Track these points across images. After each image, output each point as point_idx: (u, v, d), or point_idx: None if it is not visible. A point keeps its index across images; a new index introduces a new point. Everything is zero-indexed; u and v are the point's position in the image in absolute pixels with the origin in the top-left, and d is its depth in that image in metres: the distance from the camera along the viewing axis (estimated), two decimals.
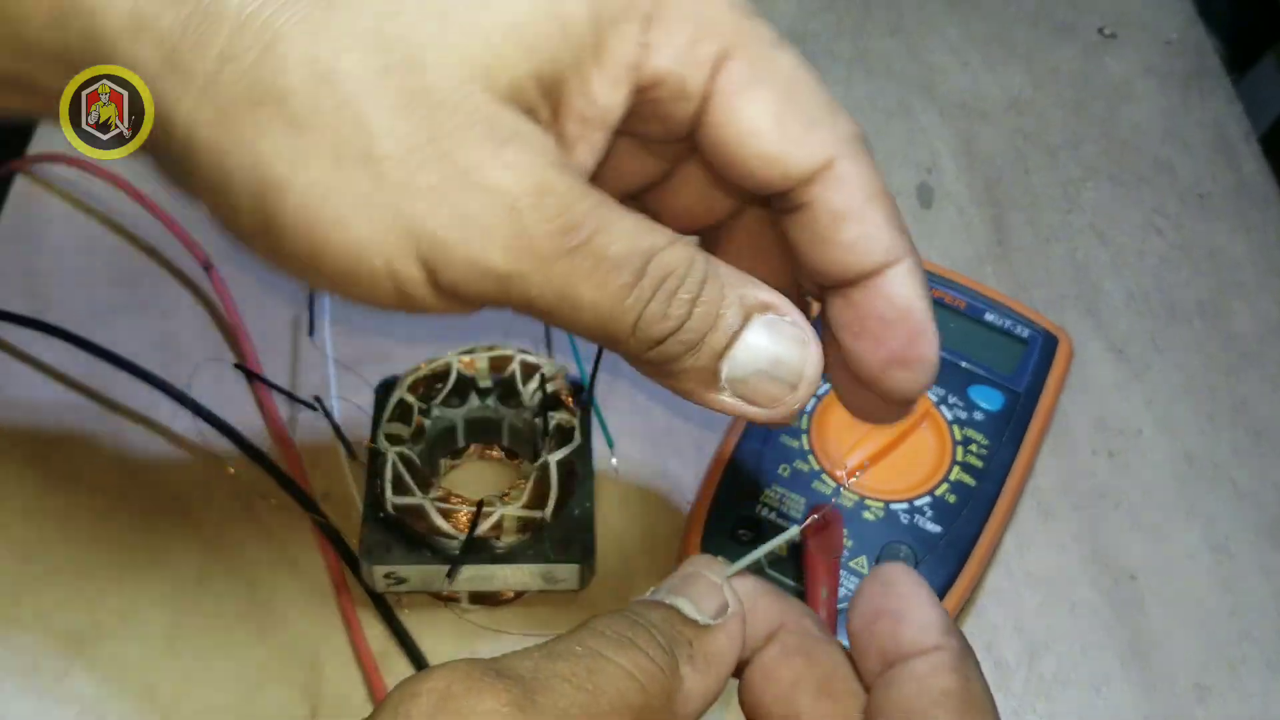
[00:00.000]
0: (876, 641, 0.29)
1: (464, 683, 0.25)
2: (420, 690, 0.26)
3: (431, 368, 0.45)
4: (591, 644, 0.27)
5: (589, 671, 0.27)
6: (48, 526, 0.46)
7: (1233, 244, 0.59)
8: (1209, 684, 0.45)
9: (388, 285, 0.29)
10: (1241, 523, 0.49)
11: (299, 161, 0.27)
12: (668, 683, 0.28)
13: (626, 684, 0.27)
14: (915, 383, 0.33)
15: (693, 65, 0.31)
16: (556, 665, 0.27)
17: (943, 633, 0.28)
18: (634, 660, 0.27)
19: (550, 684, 0.26)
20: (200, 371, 0.50)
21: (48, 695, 0.42)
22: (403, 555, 0.42)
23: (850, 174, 0.32)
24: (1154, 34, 0.69)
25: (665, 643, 0.28)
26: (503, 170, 0.28)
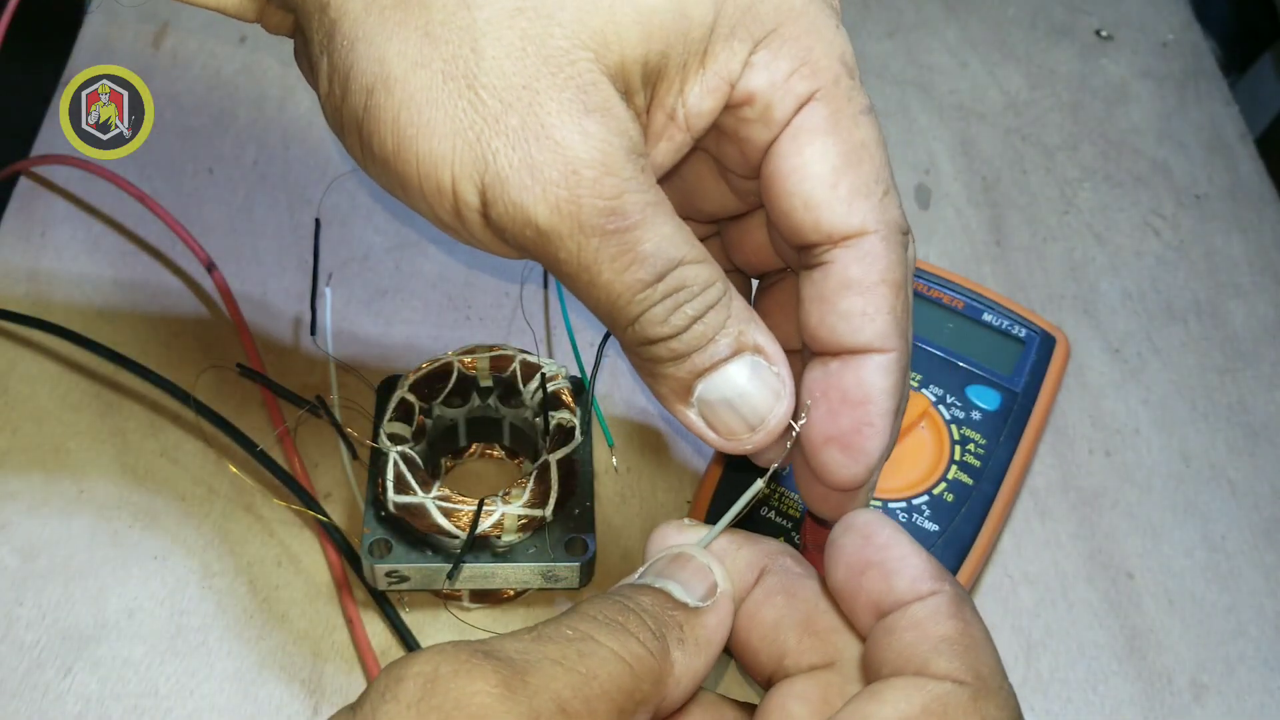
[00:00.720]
0: (866, 594, 0.29)
1: (452, 665, 0.26)
2: (406, 674, 0.26)
3: (433, 367, 0.46)
4: (583, 628, 0.28)
5: (580, 655, 0.27)
6: (51, 524, 0.46)
7: (1229, 244, 0.59)
8: (1206, 681, 0.45)
9: (448, 201, 0.30)
10: (1238, 521, 0.49)
11: (416, 67, 0.29)
12: (658, 666, 0.28)
13: (617, 668, 0.27)
14: (847, 469, 0.33)
15: (784, 94, 0.32)
16: (547, 648, 0.27)
17: (935, 579, 0.29)
18: (625, 645, 0.28)
19: (541, 666, 0.26)
20: (203, 371, 0.51)
21: (51, 692, 0.42)
22: (404, 554, 0.42)
23: (876, 253, 0.32)
24: (1151, 36, 0.69)
25: (656, 627, 0.29)
26: (580, 136, 0.29)
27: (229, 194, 0.58)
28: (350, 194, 0.58)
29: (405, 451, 0.43)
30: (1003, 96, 0.66)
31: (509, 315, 0.54)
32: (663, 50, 0.30)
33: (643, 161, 0.31)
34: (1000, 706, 0.27)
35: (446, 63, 0.29)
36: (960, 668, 0.27)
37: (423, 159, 0.30)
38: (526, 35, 0.29)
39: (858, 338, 0.32)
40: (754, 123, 0.32)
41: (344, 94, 0.31)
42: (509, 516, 0.41)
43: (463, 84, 0.29)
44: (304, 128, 0.61)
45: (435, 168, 0.30)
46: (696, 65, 0.31)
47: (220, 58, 0.63)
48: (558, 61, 0.29)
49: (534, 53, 0.29)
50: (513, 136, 0.29)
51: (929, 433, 0.47)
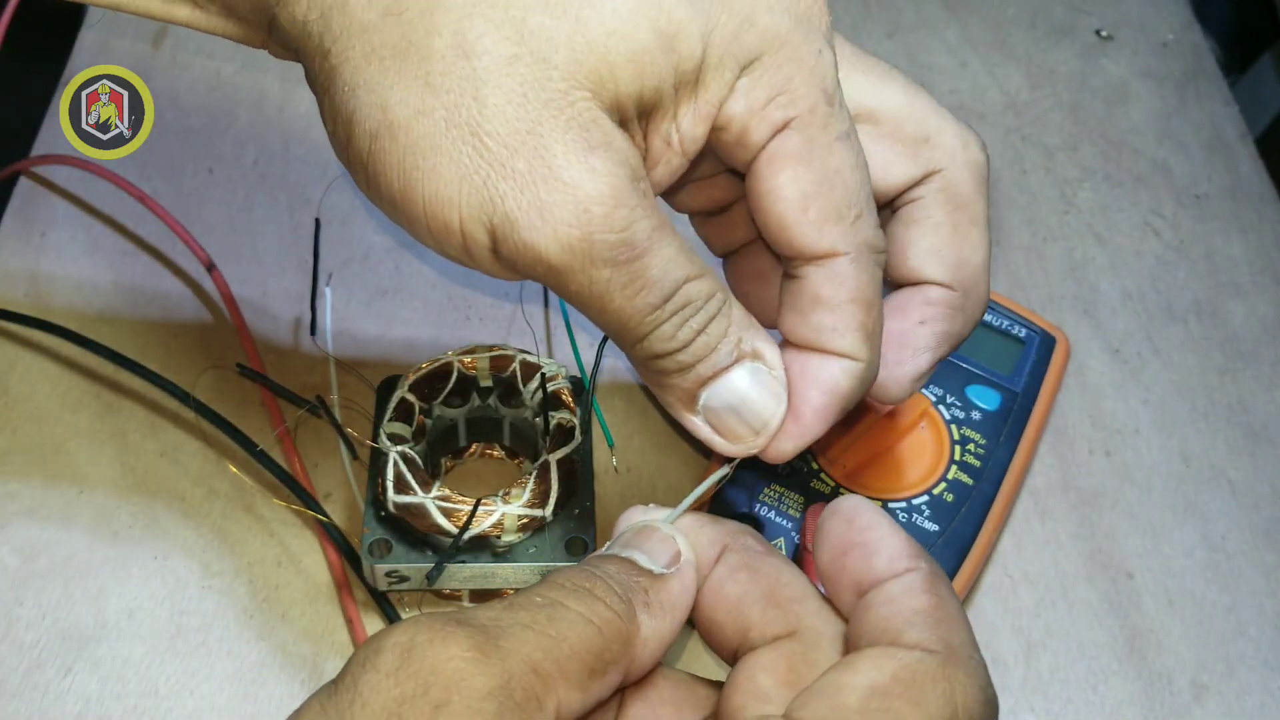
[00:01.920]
0: (848, 574, 0.30)
1: (427, 634, 0.27)
2: (384, 645, 0.27)
3: (433, 367, 0.46)
4: (551, 595, 0.29)
5: (549, 619, 0.28)
6: (51, 525, 0.46)
7: (1229, 244, 0.59)
8: (1206, 681, 0.45)
9: (456, 239, 0.32)
10: (1238, 521, 0.49)
11: (419, 114, 0.30)
12: (625, 628, 0.29)
13: (585, 629, 0.28)
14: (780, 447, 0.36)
15: (760, 121, 0.33)
16: (518, 615, 0.28)
17: (912, 557, 0.30)
18: (592, 608, 0.29)
19: (512, 631, 0.28)
20: (203, 371, 0.51)
21: (51, 692, 0.42)
22: (404, 554, 0.42)
23: (846, 274, 0.34)
24: (1151, 36, 0.69)
25: (622, 592, 0.30)
26: (588, 174, 0.30)
27: (229, 194, 0.58)
28: (350, 194, 0.58)
29: (405, 451, 0.43)
30: (1003, 96, 0.66)
31: (509, 315, 0.54)
32: (655, 86, 0.31)
33: (644, 186, 0.32)
34: (970, 674, 0.28)
35: (449, 110, 0.30)
36: (931, 638, 0.28)
37: (429, 201, 0.31)
38: (526, 81, 0.30)
39: (828, 347, 0.35)
40: (732, 144, 0.34)
41: (348, 136, 0.32)
42: (509, 516, 0.41)
43: (466, 131, 0.30)
44: (304, 128, 0.61)
45: (442, 209, 0.31)
46: (689, 95, 0.32)
47: (220, 58, 0.63)
48: (558, 104, 0.30)
49: (534, 97, 0.30)
50: (520, 180, 0.30)
51: (929, 433, 0.47)
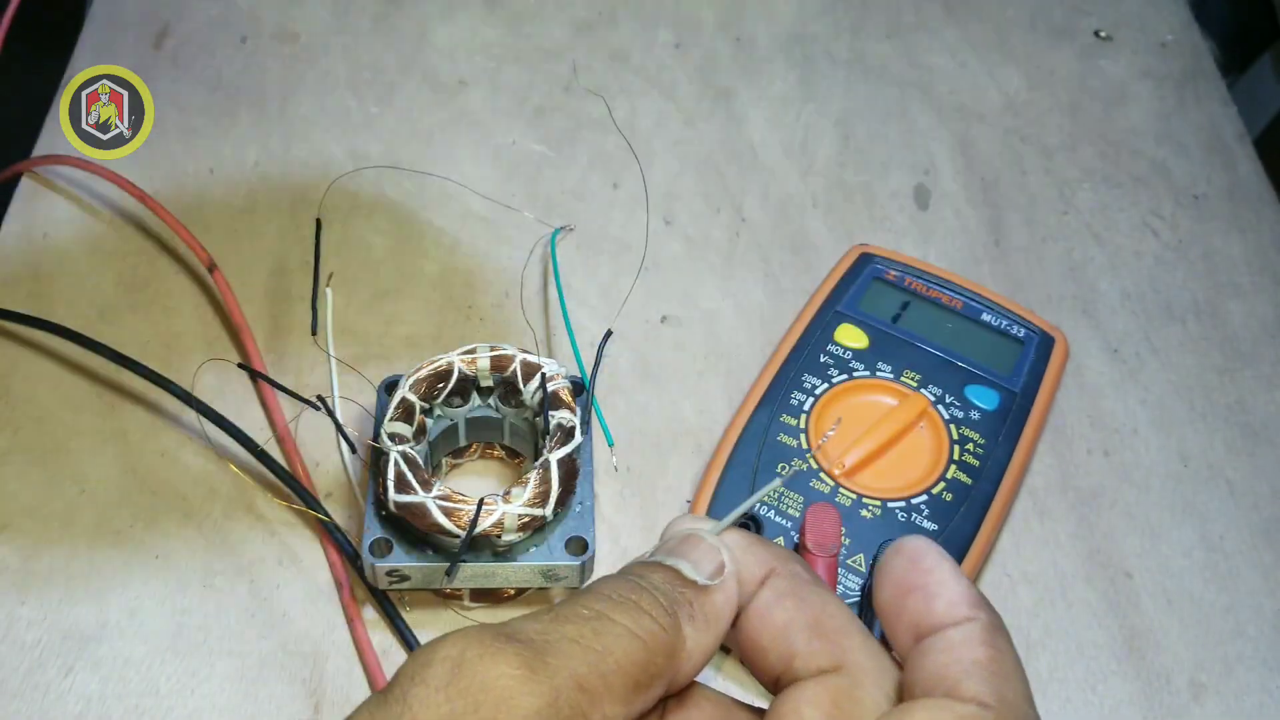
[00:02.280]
0: (908, 616, 0.30)
1: (477, 649, 0.26)
2: (434, 659, 0.27)
3: (434, 367, 0.46)
4: (597, 607, 0.28)
5: (595, 633, 0.28)
6: (52, 524, 0.47)
7: (1227, 245, 0.59)
8: (1204, 681, 0.45)
9: None
10: (1236, 521, 0.50)
11: None
12: (670, 641, 0.29)
13: (631, 644, 0.28)
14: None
15: None
16: (565, 628, 0.28)
17: (973, 605, 0.29)
18: (638, 621, 0.28)
19: (560, 646, 0.27)
20: (204, 371, 0.51)
21: (52, 692, 0.43)
22: (405, 553, 0.42)
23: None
24: (1150, 36, 0.69)
25: (668, 603, 0.29)
26: None
27: (230, 194, 0.58)
28: (351, 194, 0.58)
29: (406, 451, 0.43)
30: (1002, 97, 0.66)
31: (509, 315, 0.54)
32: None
33: None
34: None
35: None
36: (986, 691, 0.28)
37: None
38: None
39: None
40: None
41: None
42: (509, 516, 0.42)
43: None
44: (305, 128, 0.61)
45: None
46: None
47: (221, 59, 0.64)
48: None
49: None
50: None
51: (928, 432, 0.47)
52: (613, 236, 0.58)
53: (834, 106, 0.65)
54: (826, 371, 0.49)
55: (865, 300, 0.52)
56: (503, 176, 0.60)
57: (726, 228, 0.59)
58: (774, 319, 0.55)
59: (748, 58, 0.67)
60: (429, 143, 0.61)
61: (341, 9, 0.67)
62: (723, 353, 0.54)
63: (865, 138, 0.63)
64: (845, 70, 0.66)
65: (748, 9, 0.69)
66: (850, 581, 0.43)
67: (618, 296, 0.55)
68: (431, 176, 0.59)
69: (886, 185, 0.61)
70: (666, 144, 0.62)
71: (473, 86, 0.64)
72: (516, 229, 0.57)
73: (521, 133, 0.62)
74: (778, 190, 0.61)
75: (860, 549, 0.44)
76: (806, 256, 0.58)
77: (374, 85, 0.63)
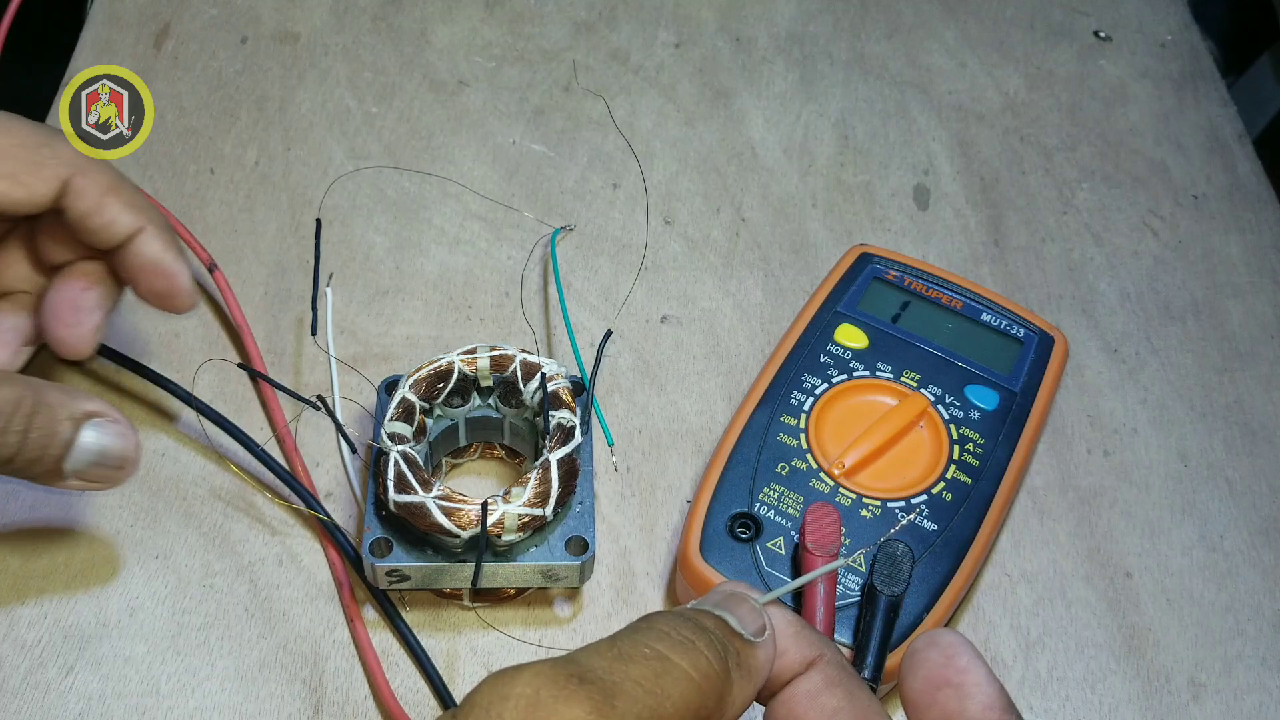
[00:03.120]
0: (940, 709, 0.31)
1: (551, 689, 0.27)
2: (510, 694, 0.27)
3: (434, 368, 0.46)
4: (659, 646, 0.30)
5: (656, 675, 0.29)
6: (52, 524, 0.47)
7: (1227, 245, 0.59)
8: (1204, 680, 0.45)
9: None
10: (1235, 520, 0.50)
11: None
12: (721, 686, 0.30)
13: (688, 688, 0.29)
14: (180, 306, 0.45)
15: None
16: (629, 669, 0.29)
17: (1005, 710, 0.31)
18: (695, 663, 0.30)
19: (625, 688, 0.28)
20: (204, 371, 0.51)
21: (52, 691, 0.43)
22: (405, 553, 0.42)
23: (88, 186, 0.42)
24: (1149, 37, 0.69)
25: (720, 649, 0.31)
26: None
27: (230, 194, 0.58)
28: (351, 194, 0.58)
29: (406, 451, 0.43)
30: (1001, 97, 0.66)
31: (509, 315, 0.54)
32: None
33: None
34: None
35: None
36: None
37: None
38: None
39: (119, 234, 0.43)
40: None
41: None
42: (509, 516, 0.42)
43: None
44: (305, 128, 0.61)
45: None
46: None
47: (221, 58, 0.64)
48: None
49: None
50: None
51: (928, 432, 0.47)
52: (613, 236, 0.58)
53: (834, 106, 0.65)
54: (826, 371, 0.49)
55: (865, 300, 0.52)
56: (503, 176, 0.60)
57: (726, 228, 0.59)
58: (774, 319, 0.55)
59: (748, 58, 0.67)
60: (429, 143, 0.61)
61: (341, 9, 0.67)
62: (723, 353, 0.54)
63: (865, 138, 0.63)
64: (845, 70, 0.67)
65: (748, 9, 0.69)
66: (850, 581, 0.43)
67: (618, 296, 0.55)
68: (431, 176, 0.59)
69: (886, 185, 0.61)
70: (666, 144, 0.62)
71: (473, 86, 0.64)
72: (516, 229, 0.58)
73: (521, 133, 0.62)
74: (777, 190, 0.61)
75: (860, 549, 0.44)
76: (806, 256, 0.58)
77: (374, 85, 0.63)
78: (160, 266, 0.44)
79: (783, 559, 0.43)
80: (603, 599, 0.46)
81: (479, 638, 0.45)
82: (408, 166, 0.60)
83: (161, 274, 0.44)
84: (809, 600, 0.41)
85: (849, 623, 0.42)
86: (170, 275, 0.44)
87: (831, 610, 0.41)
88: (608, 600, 0.46)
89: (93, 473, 0.41)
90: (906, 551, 0.41)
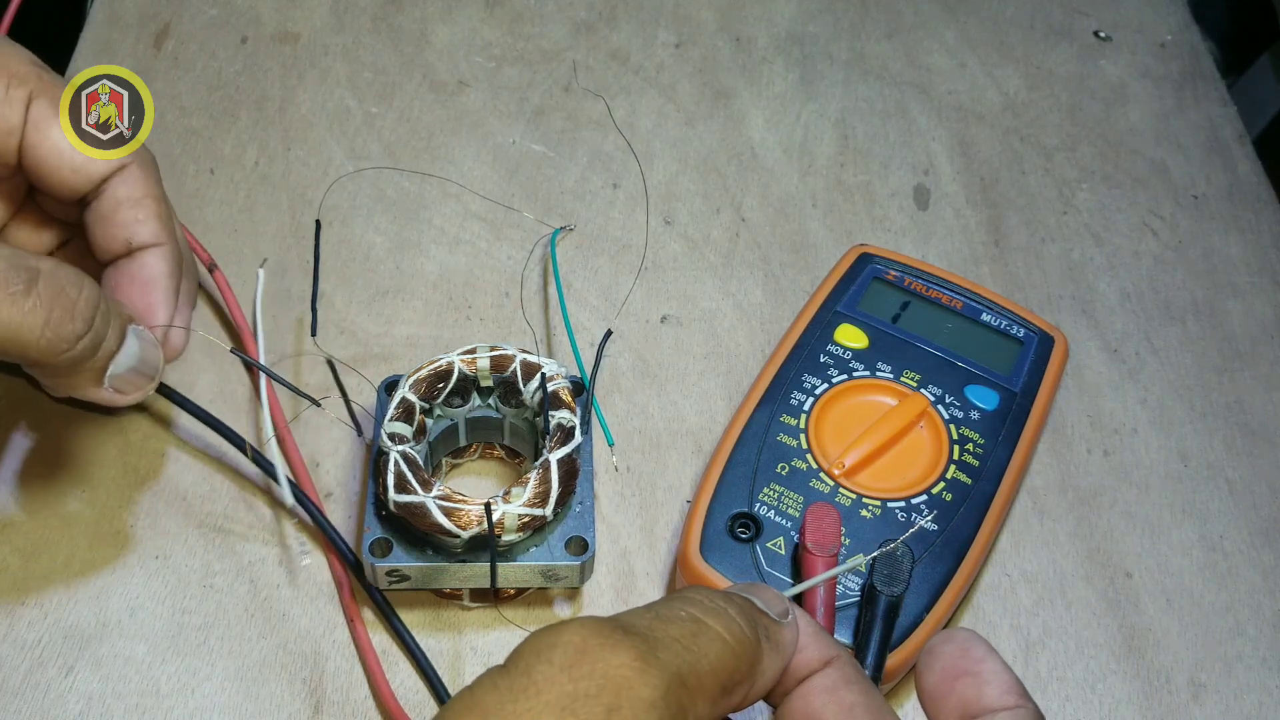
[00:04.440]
0: (957, 698, 0.32)
1: (597, 638, 0.29)
2: (559, 641, 0.29)
3: (434, 368, 0.46)
4: (693, 611, 0.31)
5: (693, 635, 0.30)
6: (52, 524, 0.47)
7: (1227, 245, 0.59)
8: (1204, 680, 0.45)
9: None
10: (1235, 521, 0.50)
11: None
12: (753, 651, 0.31)
13: (723, 649, 0.31)
14: None
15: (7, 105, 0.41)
16: (669, 628, 0.30)
17: (1022, 695, 0.32)
18: (729, 627, 0.31)
19: (665, 643, 0.30)
20: (204, 370, 0.51)
21: (52, 691, 0.43)
22: (405, 553, 0.42)
23: (134, 174, 0.43)
24: (1149, 37, 0.69)
25: (750, 618, 0.32)
26: None
27: (230, 195, 0.58)
28: (351, 195, 0.58)
29: (406, 451, 0.43)
30: (1001, 97, 0.66)
31: (509, 315, 0.54)
32: None
33: None
34: None
35: None
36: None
37: None
38: None
39: (138, 239, 0.43)
40: None
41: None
42: (509, 516, 0.42)
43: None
44: (305, 129, 0.61)
45: None
46: None
47: (221, 59, 0.64)
48: None
49: None
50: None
51: (928, 432, 0.47)
52: (613, 236, 0.58)
53: (833, 106, 0.65)
54: (826, 371, 0.49)
55: (865, 300, 0.52)
56: (503, 176, 0.60)
57: (726, 228, 0.59)
58: (774, 319, 0.55)
59: (748, 58, 0.67)
60: (429, 143, 0.61)
61: (341, 9, 0.67)
62: (723, 353, 0.54)
63: (865, 138, 0.63)
64: (845, 70, 0.67)
65: (748, 9, 0.69)
66: (850, 581, 0.43)
67: (618, 296, 0.55)
68: (431, 176, 0.59)
69: (886, 185, 0.61)
70: (666, 144, 0.62)
71: (473, 86, 0.64)
72: (516, 229, 0.58)
73: (521, 133, 0.62)
74: (777, 190, 0.61)
75: (860, 549, 0.44)
76: (806, 256, 0.58)
77: (374, 85, 0.63)
78: (154, 287, 0.44)
79: (783, 559, 0.43)
80: (603, 599, 0.46)
81: (479, 638, 0.45)
82: (408, 166, 0.60)
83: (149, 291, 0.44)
84: (809, 600, 0.41)
85: (849, 623, 0.42)
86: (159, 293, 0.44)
87: (831, 610, 0.41)
88: (608, 600, 0.46)
89: (128, 380, 0.41)
90: (906, 551, 0.41)
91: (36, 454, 0.48)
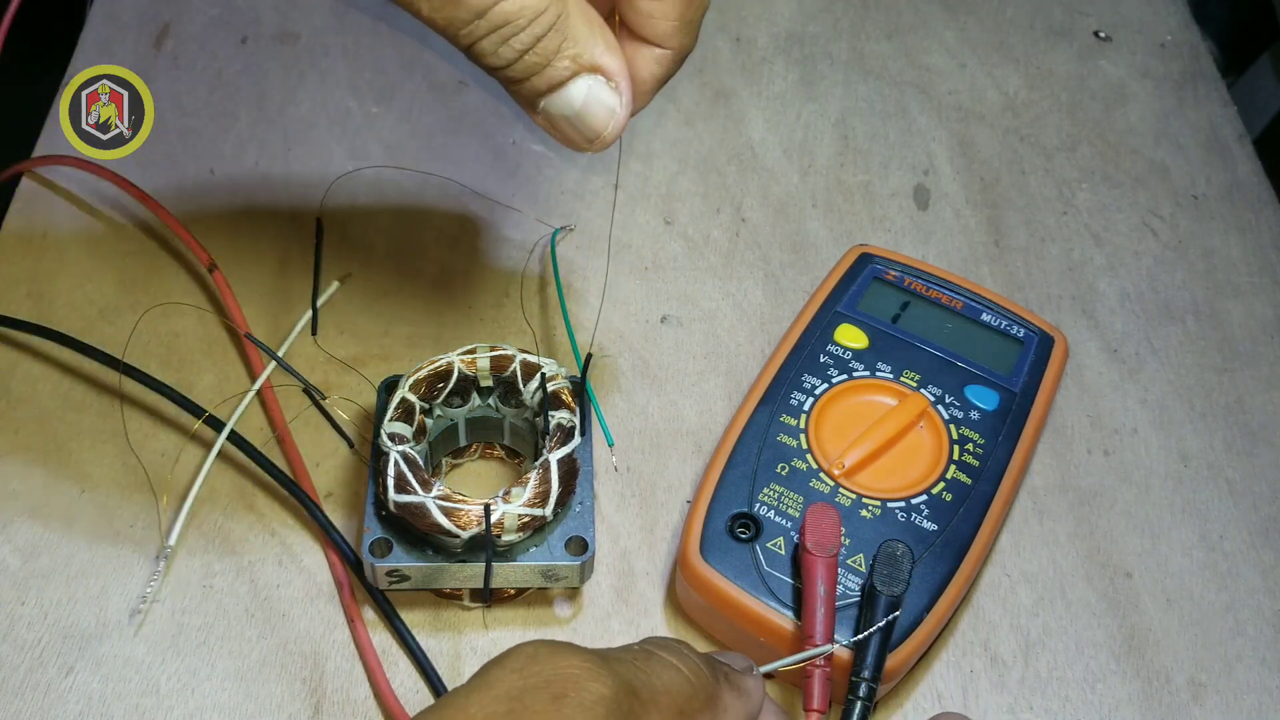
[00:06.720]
0: None
1: (549, 648, 0.31)
2: (512, 651, 0.31)
3: (434, 368, 0.46)
4: (646, 647, 0.33)
5: (645, 659, 0.32)
6: (53, 525, 0.47)
7: (1226, 245, 0.59)
8: (1204, 680, 0.45)
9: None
10: (1235, 521, 0.50)
11: None
12: (710, 687, 0.33)
13: (676, 675, 0.32)
14: None
15: None
16: (619, 654, 0.32)
17: None
18: (682, 661, 0.33)
19: (618, 658, 0.32)
20: (204, 370, 0.51)
21: (52, 691, 0.43)
22: (405, 553, 0.42)
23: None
24: (1149, 37, 0.69)
25: (708, 662, 0.34)
26: None
27: (231, 195, 0.58)
28: (351, 195, 0.58)
29: (406, 451, 0.43)
30: (1001, 97, 0.66)
31: (509, 315, 0.54)
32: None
33: None
34: None
35: None
36: None
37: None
38: None
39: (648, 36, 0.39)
40: None
41: None
42: (509, 516, 0.42)
43: None
44: (305, 129, 0.61)
45: None
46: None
47: (221, 59, 0.64)
48: None
49: None
50: None
51: (928, 432, 0.47)
52: (613, 236, 0.58)
53: (833, 106, 0.65)
54: (826, 371, 0.49)
55: (865, 300, 0.52)
56: (503, 176, 0.60)
57: (726, 228, 0.59)
58: (774, 319, 0.55)
59: (747, 58, 0.67)
60: (429, 143, 0.61)
61: (341, 9, 0.67)
62: (723, 353, 0.54)
63: (865, 138, 0.63)
64: (845, 70, 0.67)
65: (748, 9, 0.69)
66: (850, 581, 0.43)
67: (618, 296, 0.55)
68: (431, 176, 0.59)
69: (886, 185, 0.61)
70: (666, 144, 0.62)
71: (473, 86, 0.64)
72: (516, 229, 0.58)
73: (521, 133, 0.62)
74: (777, 190, 0.61)
75: (860, 549, 0.44)
76: (806, 256, 0.58)
77: (374, 85, 0.63)
78: None
79: (783, 559, 0.43)
80: (603, 599, 0.46)
81: (479, 638, 0.45)
82: (408, 166, 0.60)
83: None
84: (809, 600, 0.41)
85: (849, 623, 0.42)
86: None
87: (832, 610, 0.41)
88: (608, 600, 0.46)
89: (561, 128, 0.38)
90: (906, 551, 0.41)
91: (36, 454, 0.48)
